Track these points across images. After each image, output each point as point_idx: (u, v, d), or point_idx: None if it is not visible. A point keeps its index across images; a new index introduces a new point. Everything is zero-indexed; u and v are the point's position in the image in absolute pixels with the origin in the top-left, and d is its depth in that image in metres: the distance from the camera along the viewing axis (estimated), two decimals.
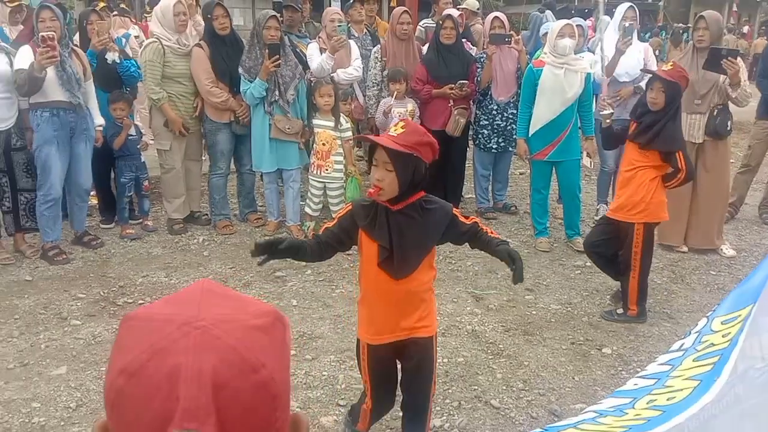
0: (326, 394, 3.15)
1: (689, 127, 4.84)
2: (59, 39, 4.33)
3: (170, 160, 5.21)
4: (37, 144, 4.47)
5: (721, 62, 4.43)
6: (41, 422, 2.92)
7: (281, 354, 0.68)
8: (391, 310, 2.34)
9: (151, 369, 0.61)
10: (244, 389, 0.62)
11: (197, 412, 0.59)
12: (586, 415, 1.85)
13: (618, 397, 1.91)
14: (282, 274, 4.54)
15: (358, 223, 2.26)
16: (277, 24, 4.89)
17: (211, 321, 0.64)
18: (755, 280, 1.88)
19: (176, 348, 0.62)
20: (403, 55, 5.53)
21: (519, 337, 3.74)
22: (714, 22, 4.75)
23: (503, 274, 4.58)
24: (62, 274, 4.51)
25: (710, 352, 1.80)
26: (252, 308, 0.69)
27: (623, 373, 3.37)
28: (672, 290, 4.43)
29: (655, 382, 1.84)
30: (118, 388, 0.62)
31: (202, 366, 0.61)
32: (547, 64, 4.79)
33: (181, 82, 5.06)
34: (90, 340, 3.63)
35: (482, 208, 5.85)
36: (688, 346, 1.89)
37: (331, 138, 5.02)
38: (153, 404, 0.60)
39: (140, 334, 0.65)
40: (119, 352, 0.65)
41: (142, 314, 0.68)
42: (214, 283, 0.73)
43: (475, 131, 5.72)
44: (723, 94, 4.72)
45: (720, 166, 4.94)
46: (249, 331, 0.65)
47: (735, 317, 1.84)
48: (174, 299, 0.70)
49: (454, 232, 2.35)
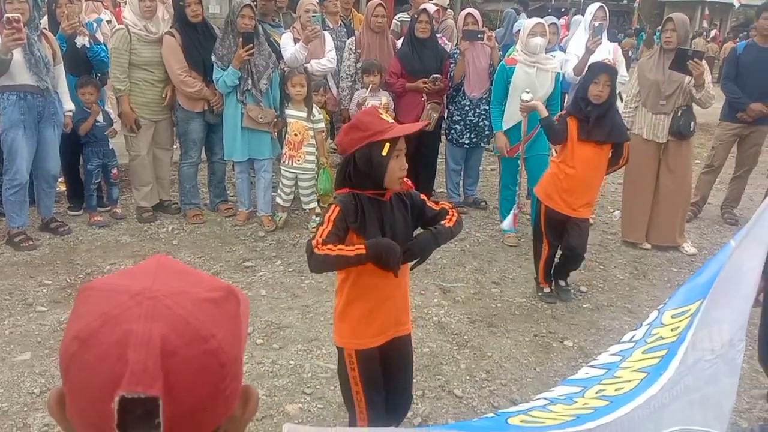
0: (292, 382, 3.18)
1: (653, 127, 4.96)
2: (28, 22, 4.27)
3: (136, 147, 5.16)
4: (4, 128, 4.40)
5: (687, 63, 4.55)
6: (3, 408, 2.91)
7: (233, 326, 0.70)
8: (391, 307, 2.30)
9: (102, 335, 0.64)
10: (193, 357, 0.64)
11: (144, 376, 0.61)
12: (537, 402, 1.91)
13: (569, 385, 1.97)
14: (251, 264, 4.55)
15: (349, 225, 2.13)
16: (251, 13, 4.88)
17: (163, 292, 0.67)
18: (705, 275, 1.94)
19: (128, 316, 0.64)
20: (377, 48, 5.56)
21: (484, 329, 3.80)
22: (681, 24, 4.86)
23: (470, 268, 4.65)
24: (28, 260, 4.46)
25: (659, 345, 1.87)
26: (206, 283, 0.72)
27: (584, 365, 3.43)
28: (634, 286, 4.55)
29: (605, 372, 1.91)
30: (72, 353, 0.65)
31: (151, 333, 0.63)
32: (519, 63, 4.85)
33: (149, 70, 5.00)
34: (56, 327, 3.61)
35: (453, 202, 5.89)
36: (638, 338, 1.96)
37: (304, 129, 5.03)
38: (103, 369, 0.62)
39: (94, 303, 0.67)
40: (75, 319, 0.68)
41: (97, 285, 0.70)
42: (170, 258, 0.76)
43: (448, 126, 5.78)
44: (687, 95, 4.83)
45: (683, 166, 5.07)
46: (200, 303, 0.68)
47: (684, 311, 1.91)
48: (130, 272, 0.73)
49: (423, 217, 2.31)
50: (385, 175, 2.09)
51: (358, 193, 2.15)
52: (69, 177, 5.40)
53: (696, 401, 1.81)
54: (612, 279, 4.64)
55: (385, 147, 2.05)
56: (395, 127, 2.08)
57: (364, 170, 2.10)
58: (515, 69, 4.85)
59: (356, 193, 2.15)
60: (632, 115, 5.09)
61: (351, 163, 2.13)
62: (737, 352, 1.79)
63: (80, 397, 0.65)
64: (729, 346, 1.77)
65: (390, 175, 2.10)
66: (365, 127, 2.07)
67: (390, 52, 5.61)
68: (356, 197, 2.15)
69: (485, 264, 4.75)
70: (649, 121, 4.98)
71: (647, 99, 4.97)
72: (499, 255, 4.93)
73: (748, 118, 5.69)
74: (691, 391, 1.80)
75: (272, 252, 4.78)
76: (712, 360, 1.81)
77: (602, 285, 4.52)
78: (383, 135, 2.04)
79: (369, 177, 2.12)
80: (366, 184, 2.14)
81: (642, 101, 5.02)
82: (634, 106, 5.09)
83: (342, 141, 2.16)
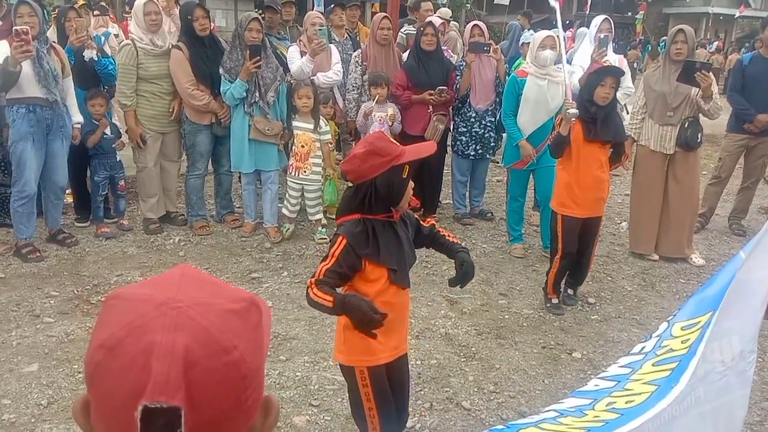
0: (299, 394, 3.17)
1: (661, 138, 4.95)
2: (37, 35, 4.31)
3: (143, 159, 5.19)
4: (13, 140, 4.43)
5: (694, 75, 4.54)
6: (11, 419, 2.90)
7: (255, 337, 0.71)
8: (402, 322, 2.36)
9: (127, 345, 0.64)
10: (215, 368, 0.65)
11: (167, 387, 0.62)
12: (547, 414, 1.89)
13: (579, 397, 1.95)
14: (258, 275, 4.55)
15: (360, 254, 2.13)
16: (259, 26, 4.91)
17: (187, 302, 0.67)
18: (715, 286, 1.92)
19: (153, 326, 0.65)
20: (383, 61, 5.58)
21: (491, 341, 3.79)
22: (691, 36, 4.86)
23: (477, 279, 4.62)
24: (36, 271, 4.47)
25: (669, 357, 1.85)
26: (229, 293, 0.72)
27: (592, 377, 3.41)
28: (642, 297, 4.52)
29: (615, 384, 1.89)
30: (97, 362, 0.66)
31: (175, 344, 0.64)
32: (530, 75, 4.86)
33: (157, 83, 5.03)
34: (63, 338, 3.61)
35: (459, 213, 5.91)
36: (648, 350, 1.94)
37: (310, 140, 5.05)
38: (128, 378, 0.63)
39: (120, 312, 0.68)
40: (100, 328, 0.69)
41: (123, 294, 0.71)
42: (194, 268, 0.76)
43: (454, 138, 5.78)
44: (694, 106, 4.83)
45: (690, 177, 5.06)
46: (223, 314, 0.68)
47: (695, 323, 1.89)
48: (155, 281, 0.74)
49: (419, 235, 2.41)
50: (402, 197, 2.15)
51: (369, 219, 2.16)
52: (76, 189, 5.43)
53: (707, 413, 1.79)
54: (620, 290, 4.61)
55: (405, 169, 2.08)
56: (408, 149, 2.11)
57: (384, 194, 2.11)
58: (526, 81, 4.86)
59: (367, 219, 2.16)
60: (639, 126, 5.09)
61: (371, 189, 2.11)
62: (748, 364, 1.78)
63: (105, 405, 0.66)
64: (740, 358, 1.76)
65: (406, 197, 2.17)
66: (385, 153, 2.07)
67: (396, 64, 5.64)
68: (366, 223, 2.15)
69: (492, 275, 4.74)
70: (656, 132, 4.98)
71: (654, 110, 4.97)
72: (506, 266, 4.92)
73: (755, 129, 5.68)
74: (702, 403, 1.78)
75: (278, 263, 4.78)
76: (723, 372, 1.79)
77: (610, 296, 4.50)
78: (402, 158, 2.06)
79: (388, 200, 2.13)
80: (380, 209, 2.15)
81: (649, 113, 5.02)
82: (640, 118, 5.08)
83: (359, 168, 2.11)
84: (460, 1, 24.95)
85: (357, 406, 2.42)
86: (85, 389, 0.69)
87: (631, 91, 5.59)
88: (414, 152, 2.10)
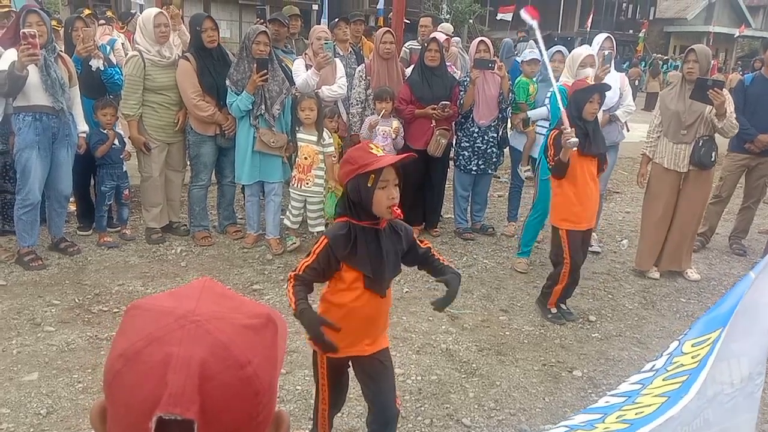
0: (299, 408, 3.16)
1: (675, 156, 4.97)
2: (45, 43, 4.34)
3: (149, 169, 5.21)
4: (18, 148, 4.44)
5: (707, 92, 4.57)
6: (10, 428, 2.89)
7: (269, 353, 0.72)
8: (375, 324, 2.42)
9: (146, 355, 0.66)
10: (229, 383, 0.66)
11: (182, 399, 0.63)
12: (558, 429, 1.90)
13: (589, 413, 1.96)
14: (259, 287, 4.55)
15: (338, 255, 2.26)
16: (266, 39, 4.94)
17: (206, 316, 0.69)
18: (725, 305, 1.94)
19: (171, 338, 0.66)
20: (387, 75, 5.61)
21: (492, 357, 3.79)
22: (703, 55, 4.90)
23: (478, 294, 4.64)
24: (37, 279, 4.47)
25: (679, 371, 1.86)
26: (247, 309, 0.74)
27: (593, 395, 3.43)
28: (642, 316, 4.53)
29: (626, 399, 1.90)
30: (116, 370, 0.67)
31: (191, 357, 0.65)
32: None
33: (164, 93, 5.07)
34: (63, 347, 3.60)
35: (460, 228, 5.93)
36: (659, 366, 1.96)
37: (314, 152, 5.07)
38: (145, 388, 0.64)
39: (141, 323, 0.70)
40: (121, 337, 0.70)
41: (145, 304, 0.73)
42: (214, 282, 0.78)
43: (456, 153, 5.81)
44: (709, 125, 4.85)
45: (699, 195, 5.09)
46: (240, 329, 0.70)
47: (704, 340, 1.90)
48: (176, 293, 0.75)
49: (413, 254, 2.45)
50: (372, 204, 2.21)
51: (354, 223, 2.27)
52: (80, 197, 5.44)
53: None
54: (621, 308, 4.62)
55: (370, 178, 2.17)
56: (381, 160, 2.19)
57: (355, 200, 2.25)
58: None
59: (352, 223, 2.28)
60: (654, 145, 5.12)
61: (347, 194, 2.28)
62: (756, 386, 1.78)
63: (121, 414, 0.67)
64: (748, 380, 1.76)
65: (377, 205, 2.21)
66: (354, 161, 2.22)
67: (399, 78, 5.68)
68: (351, 227, 2.27)
69: (493, 291, 4.74)
70: (670, 150, 5.00)
71: (668, 129, 5.00)
72: (507, 282, 4.92)
73: (756, 149, 5.72)
74: (711, 426, 1.78)
75: (280, 275, 4.78)
76: (731, 393, 1.80)
77: (611, 314, 4.50)
78: (367, 167, 2.17)
79: (360, 206, 2.25)
80: (361, 214, 2.27)
81: (664, 131, 5.05)
82: (656, 136, 5.12)
83: (339, 174, 2.35)
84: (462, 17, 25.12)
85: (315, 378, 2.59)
86: (84, 399, 0.71)
87: (631, 109, 5.61)
88: (380, 163, 2.18)
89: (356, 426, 3.05)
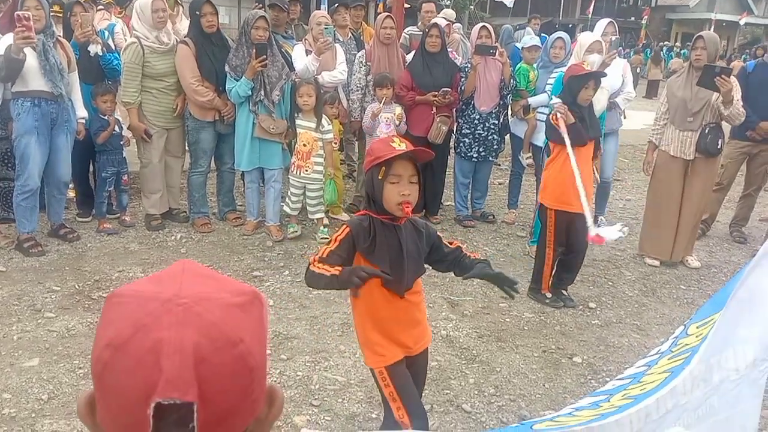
0: (300, 393, 3.17)
1: (681, 144, 4.95)
2: (43, 28, 4.30)
3: (148, 155, 5.19)
4: (17, 134, 4.42)
5: (714, 79, 4.54)
6: (11, 413, 2.90)
7: (258, 330, 0.72)
8: (406, 325, 2.35)
9: (135, 343, 0.65)
10: (224, 362, 0.66)
11: (179, 383, 0.62)
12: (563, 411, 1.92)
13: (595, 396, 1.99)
14: (259, 273, 4.55)
15: (357, 247, 2.20)
16: (266, 24, 4.90)
17: (192, 299, 0.68)
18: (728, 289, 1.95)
19: (159, 324, 0.65)
20: (387, 61, 5.58)
21: (492, 344, 3.79)
22: (712, 42, 4.87)
23: (479, 282, 4.63)
24: (37, 266, 4.47)
25: (683, 350, 1.88)
26: (231, 287, 0.73)
27: (592, 381, 3.45)
28: (643, 303, 4.53)
29: (631, 380, 1.93)
30: (105, 361, 0.66)
31: (184, 341, 0.64)
32: None
33: (163, 79, 5.04)
34: (64, 333, 3.61)
35: (461, 215, 5.92)
36: (664, 349, 1.98)
37: (313, 139, 5.05)
38: (138, 376, 0.63)
39: (125, 310, 0.68)
40: (106, 327, 0.68)
41: (127, 292, 0.71)
42: (194, 263, 0.77)
43: (457, 140, 5.79)
44: (716, 112, 4.82)
45: (705, 183, 5.08)
46: (228, 309, 0.69)
47: (708, 321, 1.92)
48: (157, 278, 0.74)
49: (437, 255, 2.36)
50: (383, 198, 2.16)
51: (374, 217, 2.22)
52: (79, 184, 5.42)
53: (720, 422, 1.80)
54: (621, 295, 4.62)
55: (381, 170, 2.13)
56: (394, 152, 2.12)
57: (369, 193, 2.22)
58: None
59: (373, 217, 2.22)
60: (660, 132, 5.10)
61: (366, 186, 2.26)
62: (761, 373, 1.79)
63: (114, 403, 0.66)
64: (753, 366, 1.77)
65: (387, 200, 2.15)
66: (371, 153, 2.21)
67: (399, 64, 5.64)
68: (371, 220, 2.22)
69: None
70: (676, 137, 4.98)
71: (675, 116, 4.97)
72: (508, 269, 4.90)
73: (758, 136, 5.70)
74: (717, 412, 1.79)
75: (280, 262, 4.78)
76: (736, 380, 1.81)
77: (611, 301, 4.51)
78: (378, 159, 2.14)
79: (374, 199, 2.21)
80: (379, 208, 2.21)
81: (670, 119, 5.03)
82: (662, 124, 5.10)
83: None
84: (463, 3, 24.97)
85: (387, 409, 2.38)
86: (85, 385, 0.70)
87: (631, 96, 5.58)
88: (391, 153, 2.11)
89: (357, 411, 3.06)
